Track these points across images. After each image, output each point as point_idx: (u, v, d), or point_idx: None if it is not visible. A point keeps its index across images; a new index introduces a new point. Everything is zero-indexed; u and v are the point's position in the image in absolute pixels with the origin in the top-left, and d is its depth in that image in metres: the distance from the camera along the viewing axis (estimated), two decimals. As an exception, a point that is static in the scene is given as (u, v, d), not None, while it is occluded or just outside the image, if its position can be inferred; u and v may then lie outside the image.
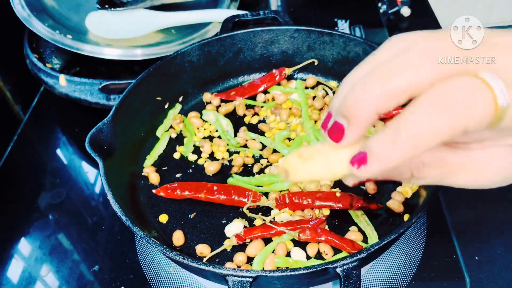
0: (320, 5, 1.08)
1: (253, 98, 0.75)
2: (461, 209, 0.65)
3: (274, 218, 0.56)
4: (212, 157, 0.66)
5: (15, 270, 0.62)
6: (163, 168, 0.65)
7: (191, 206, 0.60)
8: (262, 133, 0.69)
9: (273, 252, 0.53)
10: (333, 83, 0.75)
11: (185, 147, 0.67)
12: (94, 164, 0.75)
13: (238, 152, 0.66)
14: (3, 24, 0.88)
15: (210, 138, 0.69)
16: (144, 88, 0.67)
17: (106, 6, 0.80)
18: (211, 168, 0.64)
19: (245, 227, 0.56)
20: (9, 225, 0.69)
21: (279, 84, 0.76)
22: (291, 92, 0.74)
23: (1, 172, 0.77)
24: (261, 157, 0.65)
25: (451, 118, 0.27)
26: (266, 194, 0.59)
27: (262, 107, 0.73)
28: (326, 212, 0.57)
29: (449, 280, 0.57)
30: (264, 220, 0.56)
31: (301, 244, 0.54)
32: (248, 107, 0.73)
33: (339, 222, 0.56)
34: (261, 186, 0.60)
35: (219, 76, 0.77)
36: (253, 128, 0.70)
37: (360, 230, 0.55)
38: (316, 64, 0.76)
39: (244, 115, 0.72)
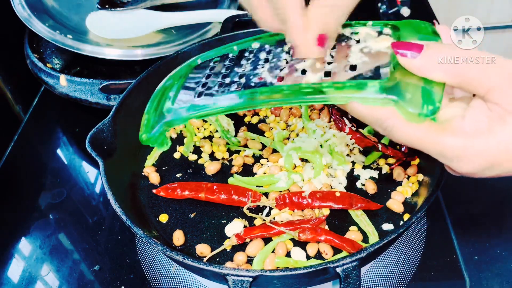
0: (320, 5, 1.08)
1: (253, 98, 0.75)
2: (461, 209, 0.65)
3: (274, 218, 0.56)
4: (212, 157, 0.66)
5: (15, 269, 0.63)
6: (163, 168, 0.65)
7: (191, 206, 0.60)
8: (262, 133, 0.69)
9: (273, 251, 0.53)
10: (333, 83, 0.75)
11: (186, 147, 0.67)
12: (95, 164, 0.75)
13: (238, 152, 0.66)
14: (4, 25, 0.88)
15: (210, 138, 0.69)
16: (144, 88, 0.67)
17: (107, 7, 0.80)
18: (211, 168, 0.64)
19: (245, 226, 0.56)
20: (9, 225, 0.69)
21: (279, 84, 0.76)
22: (291, 92, 0.74)
23: (1, 172, 0.77)
24: (261, 157, 0.65)
25: None
26: (266, 194, 0.59)
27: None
28: (326, 212, 0.57)
29: (449, 279, 0.57)
30: (264, 220, 0.56)
31: (301, 244, 0.54)
32: (248, 107, 0.73)
33: (339, 222, 0.57)
34: (261, 186, 0.61)
35: (219, 76, 0.77)
36: (253, 128, 0.70)
37: (360, 229, 0.55)
38: (316, 64, 0.76)
39: (244, 115, 0.72)
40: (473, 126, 0.37)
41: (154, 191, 0.61)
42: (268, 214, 0.57)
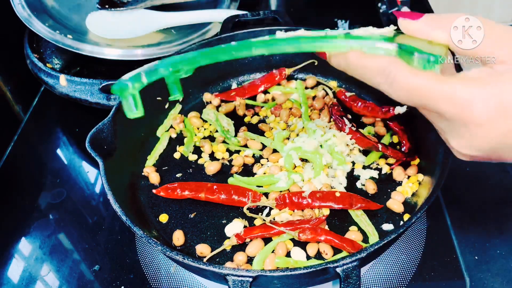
0: (320, 5, 1.08)
1: (253, 98, 0.75)
2: (461, 209, 0.65)
3: (274, 218, 0.56)
4: (212, 157, 0.66)
5: (15, 269, 0.63)
6: (163, 168, 0.65)
7: (191, 206, 0.60)
8: (262, 133, 0.69)
9: (273, 251, 0.53)
10: (333, 83, 0.75)
11: (186, 147, 0.67)
12: (95, 164, 0.75)
13: (238, 152, 0.66)
14: (4, 24, 0.88)
15: (210, 138, 0.69)
16: (144, 88, 0.67)
17: (107, 6, 0.80)
18: (211, 168, 0.64)
19: (245, 227, 0.56)
20: (9, 225, 0.69)
21: (279, 84, 0.76)
22: (291, 92, 0.74)
23: (1, 172, 0.77)
24: (261, 157, 0.65)
25: None
26: (266, 194, 0.59)
27: (262, 107, 0.73)
28: (326, 212, 0.57)
29: (449, 280, 0.57)
30: (264, 220, 0.56)
31: (301, 244, 0.54)
32: (248, 107, 0.73)
33: (339, 222, 0.56)
34: (261, 186, 0.61)
35: (219, 76, 0.77)
36: (253, 128, 0.70)
37: (360, 229, 0.55)
38: (316, 64, 0.76)
39: (244, 115, 0.72)
40: (480, 73, 0.37)
41: (154, 191, 0.61)
42: (268, 214, 0.57)
